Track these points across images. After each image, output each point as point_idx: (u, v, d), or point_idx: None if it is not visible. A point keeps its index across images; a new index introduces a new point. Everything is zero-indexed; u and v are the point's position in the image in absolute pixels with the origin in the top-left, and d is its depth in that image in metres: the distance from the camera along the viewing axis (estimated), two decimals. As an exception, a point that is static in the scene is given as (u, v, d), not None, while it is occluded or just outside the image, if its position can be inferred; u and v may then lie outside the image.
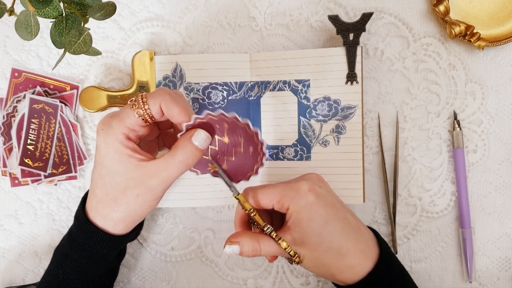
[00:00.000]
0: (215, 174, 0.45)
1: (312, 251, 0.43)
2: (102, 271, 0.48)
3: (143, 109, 0.42)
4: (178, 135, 0.43)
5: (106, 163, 0.42)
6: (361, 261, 0.43)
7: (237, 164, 0.44)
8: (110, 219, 0.44)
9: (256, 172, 0.43)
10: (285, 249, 0.42)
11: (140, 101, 0.42)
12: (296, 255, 0.43)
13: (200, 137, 0.42)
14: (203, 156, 0.43)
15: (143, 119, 0.42)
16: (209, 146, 0.43)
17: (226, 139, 0.43)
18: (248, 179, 0.44)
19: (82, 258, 0.45)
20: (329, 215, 0.43)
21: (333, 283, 0.47)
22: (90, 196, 0.45)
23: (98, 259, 0.46)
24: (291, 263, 0.44)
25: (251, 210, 0.43)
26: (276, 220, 0.48)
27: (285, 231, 0.43)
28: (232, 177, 0.44)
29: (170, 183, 0.43)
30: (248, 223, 0.46)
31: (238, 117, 0.40)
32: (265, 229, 0.43)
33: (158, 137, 0.50)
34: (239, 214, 0.46)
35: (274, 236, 0.42)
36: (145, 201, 0.43)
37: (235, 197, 0.43)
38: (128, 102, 0.43)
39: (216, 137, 0.43)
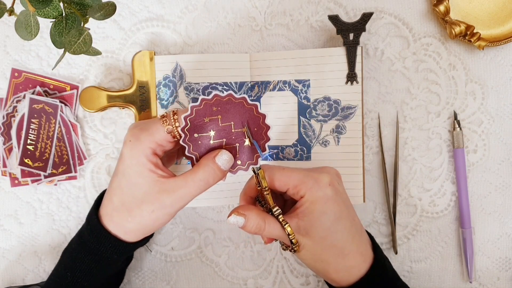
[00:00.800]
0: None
1: (314, 244, 0.42)
2: (110, 274, 0.48)
3: (173, 126, 0.42)
4: (179, 129, 0.42)
5: (127, 174, 0.43)
6: (359, 263, 0.44)
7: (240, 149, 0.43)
8: (123, 228, 0.44)
9: (264, 148, 0.43)
10: (288, 234, 0.42)
11: (172, 117, 0.42)
12: (297, 244, 0.43)
13: (224, 158, 0.42)
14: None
15: (172, 135, 0.42)
16: (211, 130, 0.43)
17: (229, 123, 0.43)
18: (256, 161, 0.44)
19: (92, 262, 0.45)
20: (342, 212, 0.43)
21: (325, 281, 0.47)
22: (106, 202, 0.45)
23: (108, 264, 0.46)
24: (285, 250, 0.44)
25: (266, 188, 0.42)
26: (278, 204, 0.47)
27: (292, 217, 0.43)
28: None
29: (186, 202, 0.43)
30: (253, 199, 0.46)
31: (247, 98, 0.41)
32: (274, 210, 0.42)
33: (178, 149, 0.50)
34: (249, 188, 0.45)
35: (280, 220, 0.42)
36: (158, 218, 0.43)
37: (254, 171, 0.42)
38: (159, 117, 0.43)
39: (221, 119, 0.42)
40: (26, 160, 0.54)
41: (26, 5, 0.37)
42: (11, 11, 0.37)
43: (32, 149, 0.55)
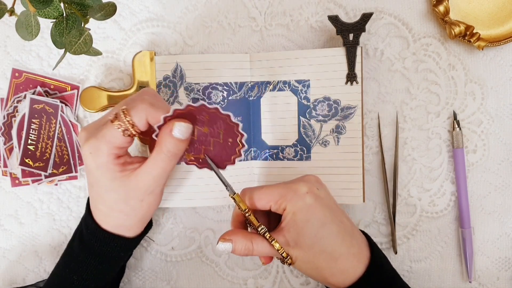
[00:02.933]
0: (200, 164, 0.45)
1: (305, 253, 0.43)
2: (116, 271, 0.49)
3: (128, 128, 0.42)
4: (155, 126, 0.42)
5: (101, 183, 0.43)
6: (353, 265, 0.44)
7: (214, 154, 0.44)
8: (123, 226, 0.45)
9: (233, 162, 0.44)
10: (277, 250, 0.43)
11: (125, 120, 0.41)
12: (289, 257, 0.43)
13: (179, 128, 0.42)
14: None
15: (129, 135, 0.42)
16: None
17: (205, 129, 0.43)
18: (224, 167, 0.45)
19: (99, 263, 0.46)
20: (326, 217, 0.43)
21: (326, 286, 0.47)
22: (95, 212, 0.45)
23: (114, 262, 0.47)
24: (283, 263, 0.44)
25: (246, 210, 0.43)
26: (274, 221, 0.48)
27: (279, 231, 0.43)
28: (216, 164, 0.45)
29: (165, 178, 0.44)
30: (244, 223, 0.46)
31: (219, 108, 0.41)
32: (259, 229, 0.43)
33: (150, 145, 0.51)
34: (236, 214, 0.46)
35: (267, 237, 0.43)
36: (150, 203, 0.44)
37: (231, 197, 0.43)
38: (110, 120, 0.42)
39: (196, 127, 0.43)
40: (26, 160, 0.55)
41: (26, 6, 0.37)
42: (12, 11, 0.37)
43: (33, 149, 0.55)
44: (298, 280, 0.57)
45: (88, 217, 0.46)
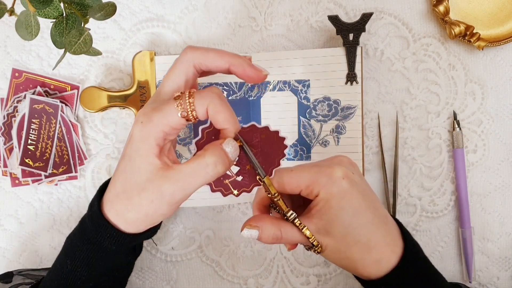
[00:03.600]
0: (226, 191, 0.42)
1: (336, 243, 0.40)
2: (113, 265, 0.45)
3: (188, 110, 0.38)
4: (193, 141, 0.40)
5: (133, 158, 0.39)
6: (387, 255, 0.41)
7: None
8: (123, 217, 0.41)
9: (270, 173, 0.41)
10: (308, 238, 0.40)
11: (187, 100, 0.38)
12: (319, 245, 0.40)
13: (231, 145, 0.39)
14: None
15: (186, 119, 0.38)
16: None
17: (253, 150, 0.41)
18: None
19: (90, 251, 0.43)
20: (361, 205, 0.40)
21: (354, 276, 0.44)
22: (110, 187, 0.42)
23: (107, 254, 0.43)
24: (309, 250, 0.42)
25: (276, 194, 0.40)
26: (296, 202, 0.45)
27: (309, 218, 0.40)
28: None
29: (189, 192, 0.39)
30: (267, 207, 0.44)
31: (269, 127, 0.39)
32: (288, 215, 0.40)
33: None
34: (260, 197, 0.43)
35: (297, 224, 0.40)
36: (158, 208, 0.40)
37: (259, 179, 0.40)
38: (174, 98, 0.39)
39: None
40: (26, 160, 0.55)
41: (26, 5, 0.37)
42: (12, 11, 0.37)
43: (33, 149, 0.55)
44: (298, 280, 0.57)
45: (96, 197, 0.43)
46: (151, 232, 0.45)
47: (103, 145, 0.57)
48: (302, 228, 0.40)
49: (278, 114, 0.55)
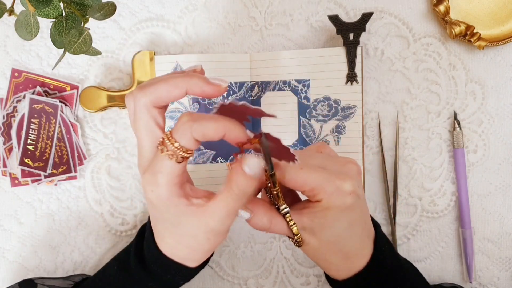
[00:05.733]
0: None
1: (320, 245, 0.41)
2: None
3: (179, 154, 0.37)
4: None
5: (169, 219, 0.40)
6: (359, 264, 0.42)
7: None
8: (189, 260, 0.42)
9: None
10: (294, 234, 0.40)
11: (173, 147, 0.37)
12: (301, 240, 0.41)
13: (251, 164, 0.37)
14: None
15: (184, 159, 0.38)
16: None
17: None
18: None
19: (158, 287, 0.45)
20: (355, 219, 0.41)
21: (323, 272, 0.46)
22: (161, 243, 0.42)
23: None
24: (289, 240, 0.43)
25: (277, 188, 0.40)
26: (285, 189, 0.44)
27: (300, 215, 0.40)
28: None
29: (234, 216, 0.40)
30: (259, 190, 0.43)
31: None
32: (282, 208, 0.40)
33: None
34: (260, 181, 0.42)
35: (288, 219, 0.40)
36: (216, 241, 0.41)
37: (268, 173, 0.39)
38: (158, 150, 0.37)
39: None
40: (26, 160, 0.54)
41: (26, 5, 0.37)
42: (11, 11, 0.37)
43: (32, 149, 0.55)
44: (298, 280, 0.57)
45: (151, 243, 0.43)
46: (209, 257, 0.46)
47: (103, 145, 0.57)
48: (291, 225, 0.40)
49: (278, 114, 0.55)
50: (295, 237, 0.41)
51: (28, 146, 0.54)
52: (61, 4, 0.39)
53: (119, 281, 0.46)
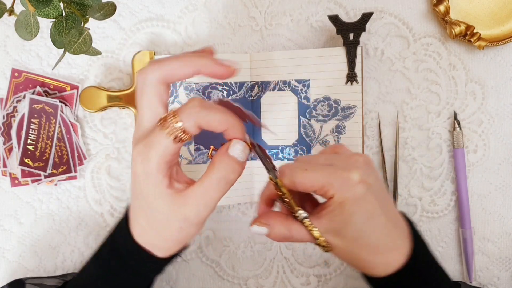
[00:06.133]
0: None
1: (347, 244, 0.40)
2: (146, 286, 0.47)
3: (178, 134, 0.37)
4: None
5: (145, 197, 0.39)
6: (396, 258, 0.41)
7: None
8: (158, 248, 0.42)
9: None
10: (317, 238, 0.40)
11: (174, 125, 0.37)
12: (327, 245, 0.40)
13: (238, 148, 0.38)
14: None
15: (181, 141, 0.38)
16: None
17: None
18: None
19: (132, 281, 0.44)
20: (375, 209, 0.39)
21: (360, 272, 0.44)
22: (134, 224, 0.42)
23: (145, 280, 0.45)
24: (319, 247, 0.42)
25: (286, 195, 0.39)
26: (306, 195, 0.44)
27: (320, 217, 0.40)
28: None
29: (212, 207, 0.39)
30: (273, 201, 0.43)
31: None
32: (297, 214, 0.40)
33: None
34: (269, 191, 0.43)
35: (307, 224, 0.40)
36: (189, 232, 0.40)
37: (271, 179, 0.40)
38: (159, 126, 0.38)
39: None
40: (26, 160, 0.54)
41: (26, 5, 0.37)
42: (11, 11, 0.37)
43: (32, 149, 0.55)
44: (299, 281, 0.57)
45: (125, 226, 0.43)
46: (180, 250, 0.45)
47: (103, 145, 0.57)
48: (311, 229, 0.40)
49: (278, 114, 0.55)
50: (317, 241, 0.40)
51: (28, 146, 0.54)
52: (61, 4, 0.39)
53: (97, 274, 0.45)
